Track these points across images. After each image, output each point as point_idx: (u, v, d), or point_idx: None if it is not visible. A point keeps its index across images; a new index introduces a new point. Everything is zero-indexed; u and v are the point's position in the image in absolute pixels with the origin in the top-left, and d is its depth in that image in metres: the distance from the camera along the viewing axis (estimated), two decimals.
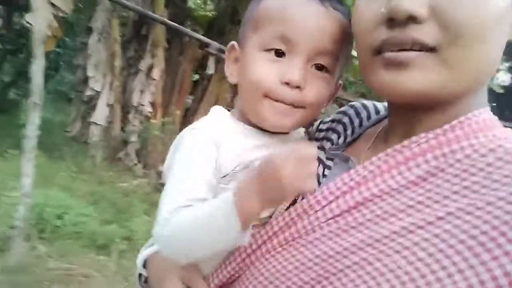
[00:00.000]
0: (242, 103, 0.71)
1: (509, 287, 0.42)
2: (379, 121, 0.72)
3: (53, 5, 3.74)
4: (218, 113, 0.73)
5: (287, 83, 0.65)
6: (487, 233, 0.45)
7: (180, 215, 0.60)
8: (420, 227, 0.50)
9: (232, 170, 0.66)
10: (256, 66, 0.67)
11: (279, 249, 0.59)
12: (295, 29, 0.64)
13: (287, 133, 0.72)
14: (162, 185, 0.66)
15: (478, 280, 0.43)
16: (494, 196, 0.48)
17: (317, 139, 0.75)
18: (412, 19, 0.50)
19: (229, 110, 0.76)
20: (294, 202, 0.65)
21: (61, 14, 3.86)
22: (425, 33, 0.51)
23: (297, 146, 0.57)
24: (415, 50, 0.51)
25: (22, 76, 9.69)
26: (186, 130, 0.69)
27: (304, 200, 0.60)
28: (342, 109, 0.78)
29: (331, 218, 0.57)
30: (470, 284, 0.43)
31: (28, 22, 3.74)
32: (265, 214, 0.64)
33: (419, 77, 0.52)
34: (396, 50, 0.52)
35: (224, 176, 0.66)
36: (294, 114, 0.67)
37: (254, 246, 0.62)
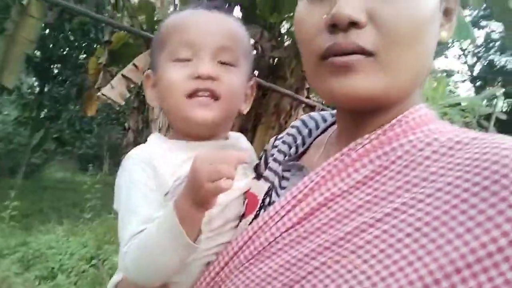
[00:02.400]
0: (168, 115, 0.77)
1: (456, 274, 0.44)
2: (326, 128, 0.74)
3: (126, 78, 4.17)
4: (153, 138, 0.77)
5: (199, 77, 0.70)
6: (429, 224, 0.47)
7: (136, 240, 0.63)
8: (371, 225, 0.51)
9: (172, 186, 0.68)
10: (169, 73, 0.72)
11: (247, 264, 0.59)
12: (194, 33, 0.72)
13: (222, 139, 0.77)
14: None
15: (427, 271, 0.45)
16: (433, 188, 0.49)
17: (272, 155, 0.76)
18: (353, 25, 0.52)
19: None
20: (257, 215, 0.66)
21: (132, 85, 4.28)
22: (365, 38, 0.53)
23: (217, 150, 0.62)
24: (357, 54, 0.53)
25: (57, 141, 10.26)
26: (124, 159, 0.72)
27: (265, 212, 0.61)
28: (292, 123, 0.81)
29: (290, 227, 0.57)
30: (421, 275, 0.45)
31: (103, 95, 4.15)
32: (204, 223, 0.65)
33: (362, 81, 0.54)
34: (339, 55, 0.54)
35: (166, 194, 0.68)
36: (214, 106, 0.71)
37: (222, 264, 0.62)
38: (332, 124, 0.72)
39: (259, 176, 0.74)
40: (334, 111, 0.75)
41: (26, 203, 5.35)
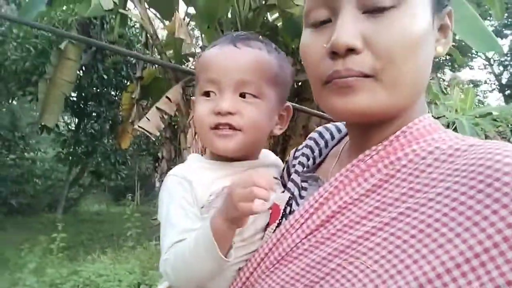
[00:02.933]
0: (201, 140, 0.91)
1: (456, 269, 0.47)
2: (341, 139, 0.78)
3: (160, 110, 4.42)
4: (191, 157, 0.85)
5: (219, 113, 0.76)
6: (431, 226, 0.51)
7: (175, 249, 0.69)
8: (380, 229, 0.55)
9: (207, 200, 0.75)
10: (198, 107, 0.79)
11: (272, 268, 0.65)
12: (216, 71, 0.77)
13: (253, 159, 0.83)
14: None
15: (430, 267, 0.49)
16: (434, 193, 0.53)
17: (294, 166, 0.81)
18: (351, 51, 0.56)
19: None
20: (279, 224, 0.71)
21: (166, 116, 4.53)
22: (362, 63, 0.57)
23: (250, 172, 0.66)
24: (355, 76, 0.57)
25: (93, 174, 10.68)
26: (165, 177, 0.80)
27: (286, 221, 0.66)
28: (310, 135, 0.85)
29: (309, 234, 0.62)
30: (424, 271, 0.49)
31: (140, 127, 4.41)
32: (236, 233, 0.69)
33: (363, 99, 0.57)
34: (340, 78, 0.58)
35: (202, 207, 0.74)
36: (234, 137, 0.76)
37: (251, 269, 0.68)
38: (347, 134, 0.75)
39: (284, 187, 0.80)
40: None
41: (68, 235, 5.63)
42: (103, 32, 7.60)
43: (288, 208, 0.73)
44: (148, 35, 5.31)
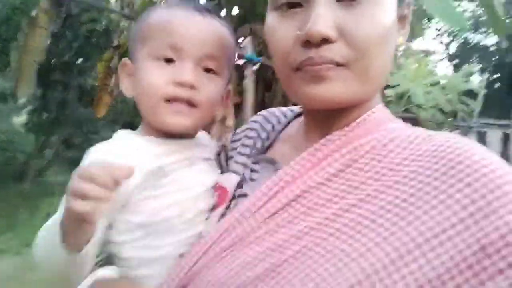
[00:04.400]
0: (142, 112, 0.74)
1: (425, 243, 0.49)
2: (288, 123, 0.78)
3: None
4: (119, 134, 0.75)
5: (180, 84, 0.69)
6: (398, 206, 0.53)
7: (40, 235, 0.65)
8: (346, 210, 0.56)
9: (142, 180, 0.67)
10: (149, 73, 0.70)
11: (223, 254, 0.61)
12: (182, 37, 0.69)
13: (191, 138, 0.77)
14: None
15: (400, 243, 0.50)
16: (400, 176, 0.56)
17: (233, 149, 0.80)
18: (324, 41, 0.57)
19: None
20: (228, 206, 0.69)
21: None
22: (336, 52, 0.57)
23: (94, 164, 0.56)
24: (328, 64, 0.58)
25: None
26: (86, 153, 0.70)
27: (240, 205, 0.64)
28: (252, 118, 0.85)
29: (268, 217, 0.60)
30: (395, 247, 0.50)
31: None
32: (177, 215, 0.67)
33: (335, 88, 0.59)
34: (313, 65, 0.58)
35: (135, 187, 0.67)
36: (190, 114, 0.71)
37: (196, 257, 0.63)
38: (295, 117, 0.78)
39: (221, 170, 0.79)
40: (293, 107, 0.82)
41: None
42: None
43: (239, 191, 0.71)
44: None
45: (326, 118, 0.66)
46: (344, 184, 0.59)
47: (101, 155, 0.67)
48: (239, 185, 0.72)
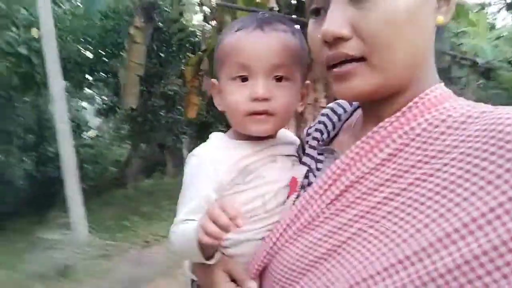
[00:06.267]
0: (231, 123, 0.85)
1: (473, 223, 0.50)
2: (353, 111, 0.81)
3: None
4: (214, 137, 0.86)
5: (256, 99, 0.77)
6: (447, 188, 0.54)
7: (178, 228, 0.76)
8: (397, 194, 0.58)
9: (231, 179, 0.79)
10: (230, 93, 0.80)
11: (295, 236, 0.68)
12: (247, 56, 0.77)
13: (272, 138, 0.85)
14: None
15: (448, 224, 0.52)
16: (448, 158, 0.56)
17: (307, 142, 0.85)
18: (340, 39, 0.60)
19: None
20: (298, 195, 0.76)
21: None
22: (351, 47, 0.60)
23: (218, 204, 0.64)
24: (350, 62, 0.61)
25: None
26: (188, 156, 0.83)
27: (306, 193, 0.70)
28: (322, 111, 0.89)
29: (329, 203, 0.65)
30: (443, 227, 0.52)
31: None
32: (260, 206, 0.78)
33: (359, 83, 0.61)
34: (337, 65, 0.62)
35: (228, 184, 0.79)
36: (269, 121, 0.79)
37: (274, 238, 0.71)
38: (359, 107, 0.78)
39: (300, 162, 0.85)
40: None
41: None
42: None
43: (306, 181, 0.77)
44: None
45: (376, 107, 0.67)
46: (395, 168, 0.61)
47: (202, 158, 0.81)
48: (307, 175, 0.78)
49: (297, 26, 0.85)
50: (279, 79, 0.79)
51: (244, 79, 0.79)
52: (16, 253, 5.46)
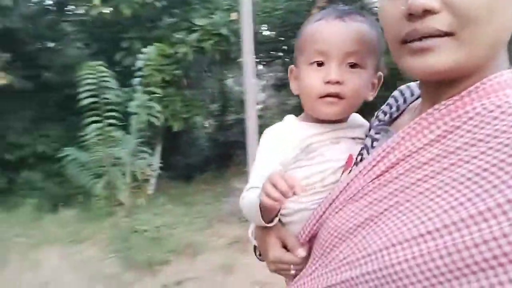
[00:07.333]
0: (304, 105, 0.92)
1: (508, 203, 0.50)
2: (419, 96, 0.80)
3: None
4: (287, 118, 0.95)
5: (328, 82, 0.84)
6: (488, 170, 0.54)
7: (248, 193, 0.84)
8: (438, 173, 0.60)
9: (295, 155, 0.86)
10: (307, 77, 0.87)
11: (341, 206, 0.73)
12: (324, 42, 0.84)
13: (341, 122, 0.92)
14: None
15: (482, 203, 0.52)
16: (495, 142, 0.56)
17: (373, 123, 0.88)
18: (428, 12, 0.58)
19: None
20: (351, 170, 0.80)
21: None
22: (440, 21, 0.58)
23: (280, 175, 0.71)
24: (434, 37, 0.58)
25: None
26: (264, 132, 0.93)
27: (356, 168, 0.74)
28: (392, 93, 0.90)
29: (375, 178, 0.68)
30: (477, 206, 0.53)
31: None
32: (319, 180, 0.85)
33: (442, 58, 0.59)
34: (418, 39, 0.60)
35: (292, 159, 0.86)
36: (339, 104, 0.86)
37: (323, 208, 0.76)
38: None
39: None
40: None
41: None
42: None
43: (359, 157, 0.83)
44: None
45: (437, 89, 0.67)
46: (442, 149, 0.61)
47: (273, 135, 0.92)
48: (361, 152, 0.83)
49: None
50: (352, 65, 0.85)
51: (320, 64, 0.86)
52: (209, 197, 6.61)
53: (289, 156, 0.87)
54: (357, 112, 0.96)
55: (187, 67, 6.95)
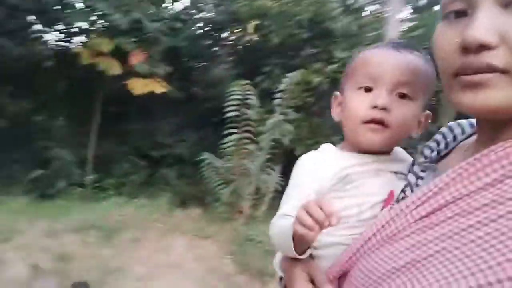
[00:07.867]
0: (345, 132, 0.89)
1: None
2: (472, 134, 0.75)
3: None
4: (325, 146, 0.91)
5: (375, 107, 0.81)
6: None
7: (278, 221, 0.80)
8: (493, 221, 0.54)
9: (332, 185, 0.82)
10: (353, 101, 0.85)
11: (378, 245, 0.67)
12: (377, 68, 0.82)
13: (384, 154, 0.86)
14: None
15: None
16: None
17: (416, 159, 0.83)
18: (483, 47, 0.54)
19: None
20: (391, 208, 0.73)
21: None
22: (497, 58, 0.54)
23: (316, 202, 0.68)
24: (488, 72, 0.55)
25: None
26: (298, 159, 0.89)
27: (399, 204, 0.68)
28: (440, 129, 0.83)
29: (419, 219, 0.62)
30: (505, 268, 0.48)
31: None
32: (355, 214, 0.81)
33: (494, 95, 0.55)
34: (471, 73, 0.56)
35: (328, 189, 0.82)
36: (383, 132, 0.82)
37: (358, 245, 0.70)
38: None
39: None
40: None
41: None
42: None
43: (402, 195, 0.77)
44: None
45: (494, 128, 0.61)
46: (498, 194, 0.56)
47: (309, 163, 0.88)
48: (403, 189, 0.78)
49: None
50: (402, 96, 0.82)
51: (368, 90, 0.83)
52: None
53: (326, 185, 0.83)
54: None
55: (320, 96, 7.27)
